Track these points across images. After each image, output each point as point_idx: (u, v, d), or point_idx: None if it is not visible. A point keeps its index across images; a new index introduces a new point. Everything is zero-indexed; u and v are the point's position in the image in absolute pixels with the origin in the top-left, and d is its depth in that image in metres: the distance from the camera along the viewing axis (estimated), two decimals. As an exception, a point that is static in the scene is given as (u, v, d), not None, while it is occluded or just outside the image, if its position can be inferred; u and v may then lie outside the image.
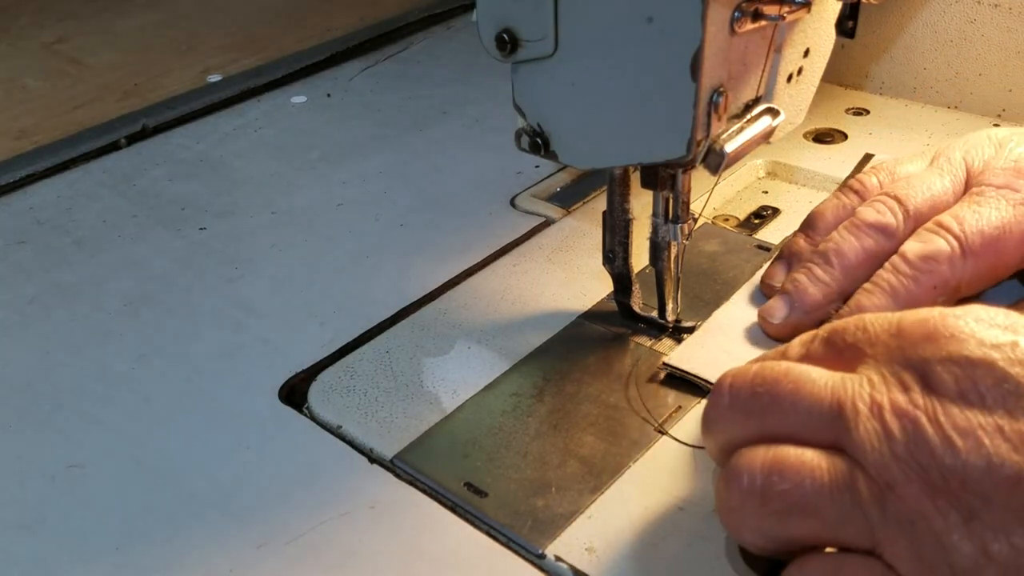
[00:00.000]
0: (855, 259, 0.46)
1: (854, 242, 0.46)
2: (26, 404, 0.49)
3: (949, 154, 0.48)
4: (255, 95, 0.81)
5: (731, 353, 0.46)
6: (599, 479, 0.41)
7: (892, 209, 0.46)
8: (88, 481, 0.44)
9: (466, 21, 0.94)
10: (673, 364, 0.46)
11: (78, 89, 0.84)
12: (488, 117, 0.75)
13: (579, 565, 0.38)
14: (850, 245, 0.46)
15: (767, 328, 0.47)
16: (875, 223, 0.46)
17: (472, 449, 0.43)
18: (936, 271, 0.43)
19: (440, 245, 0.59)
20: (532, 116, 0.44)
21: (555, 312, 0.52)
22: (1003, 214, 0.43)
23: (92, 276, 0.58)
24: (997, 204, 0.44)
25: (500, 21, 0.42)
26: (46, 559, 0.40)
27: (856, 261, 0.46)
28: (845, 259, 0.46)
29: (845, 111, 0.71)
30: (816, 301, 0.46)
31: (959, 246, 0.43)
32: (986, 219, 0.43)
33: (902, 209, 0.46)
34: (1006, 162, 0.45)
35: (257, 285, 0.57)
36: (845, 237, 0.46)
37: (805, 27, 0.43)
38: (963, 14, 0.67)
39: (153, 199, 0.67)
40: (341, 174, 0.68)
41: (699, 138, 0.40)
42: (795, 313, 0.46)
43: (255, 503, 0.42)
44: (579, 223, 0.60)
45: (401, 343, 0.50)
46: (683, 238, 0.46)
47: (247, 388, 0.48)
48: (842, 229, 0.47)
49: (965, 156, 0.47)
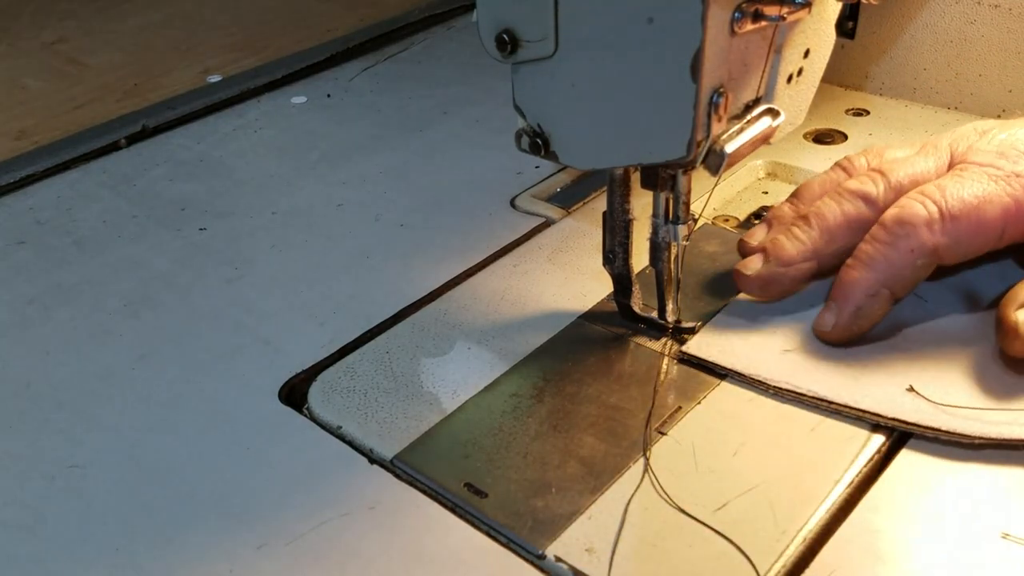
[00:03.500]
0: (833, 221, 0.47)
1: (834, 206, 0.48)
2: (26, 404, 0.49)
3: (936, 142, 0.49)
4: (255, 95, 0.81)
5: (748, 340, 0.47)
6: (599, 479, 0.41)
7: (874, 179, 0.48)
8: (88, 481, 0.44)
9: (466, 21, 0.94)
10: (692, 353, 0.47)
11: (78, 89, 0.84)
12: (488, 117, 0.75)
13: (579, 565, 0.38)
14: (830, 209, 0.48)
15: (740, 281, 0.49)
16: (856, 190, 0.48)
17: (472, 450, 0.43)
18: (912, 234, 0.44)
19: (440, 245, 0.59)
20: (532, 116, 0.44)
21: (555, 312, 0.52)
22: (984, 186, 0.44)
23: (92, 276, 0.58)
24: (979, 177, 0.45)
25: (500, 21, 0.42)
26: (46, 559, 0.40)
27: (834, 223, 0.47)
28: (824, 221, 0.48)
29: (845, 112, 0.71)
30: (790, 256, 0.48)
31: (937, 210, 0.44)
32: (968, 189, 0.44)
33: (884, 180, 0.47)
34: (989, 146, 0.47)
35: (257, 285, 0.57)
36: (827, 202, 0.48)
37: (805, 28, 0.43)
38: (963, 14, 0.67)
39: (153, 199, 0.67)
40: (341, 174, 0.68)
41: (699, 139, 0.40)
42: (769, 265, 0.48)
43: (255, 503, 0.42)
44: (579, 223, 0.60)
45: (401, 343, 0.50)
46: (683, 239, 0.46)
47: (247, 388, 0.48)
48: (825, 196, 0.49)
49: (951, 143, 0.48)
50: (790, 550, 0.38)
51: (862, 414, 0.43)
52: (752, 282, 0.48)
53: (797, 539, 0.38)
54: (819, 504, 0.40)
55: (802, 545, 0.38)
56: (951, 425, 0.41)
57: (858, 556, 0.37)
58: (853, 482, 0.41)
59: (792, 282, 0.48)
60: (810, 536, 0.38)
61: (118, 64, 0.89)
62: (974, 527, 0.38)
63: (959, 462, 0.41)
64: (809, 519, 0.39)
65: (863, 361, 0.45)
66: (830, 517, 0.39)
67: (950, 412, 0.42)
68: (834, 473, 0.41)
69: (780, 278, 0.48)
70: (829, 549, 0.38)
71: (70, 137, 0.75)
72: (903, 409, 0.42)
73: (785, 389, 0.45)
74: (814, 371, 0.45)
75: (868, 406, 0.43)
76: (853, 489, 0.40)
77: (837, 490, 0.40)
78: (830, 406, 0.44)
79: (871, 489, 0.40)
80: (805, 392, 0.44)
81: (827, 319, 0.46)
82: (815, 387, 0.44)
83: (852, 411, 0.43)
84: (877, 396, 0.43)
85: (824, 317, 0.46)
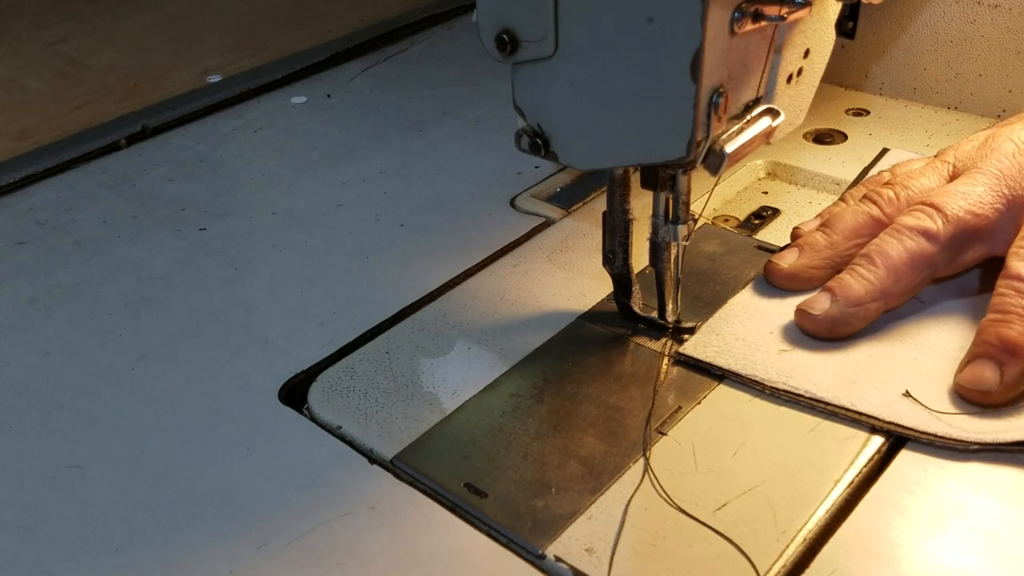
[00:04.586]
0: (899, 260, 0.47)
1: (897, 245, 0.47)
2: (26, 404, 0.49)
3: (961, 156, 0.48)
4: (255, 95, 0.81)
5: (744, 340, 0.47)
6: (599, 479, 0.41)
7: (931, 215, 0.47)
8: (88, 481, 0.44)
9: (466, 21, 0.94)
10: (688, 354, 0.47)
11: (78, 89, 0.84)
12: (488, 117, 0.75)
13: (579, 565, 0.38)
14: (893, 247, 0.47)
15: (806, 320, 0.47)
16: (916, 227, 0.47)
17: (472, 450, 0.43)
18: None
19: (440, 245, 0.59)
20: (532, 117, 0.44)
21: (555, 313, 0.52)
22: None
23: (92, 276, 0.58)
24: None
25: (500, 22, 0.42)
26: (46, 559, 0.40)
27: (900, 261, 0.47)
28: (889, 260, 0.47)
29: (845, 112, 0.71)
30: (859, 296, 0.46)
31: None
32: None
33: (940, 215, 0.47)
34: None
35: (257, 285, 0.57)
36: (888, 240, 0.47)
37: (805, 28, 0.43)
38: (963, 14, 0.67)
39: (153, 199, 0.67)
40: (341, 174, 0.68)
41: (699, 139, 0.40)
42: (838, 305, 0.47)
43: (255, 503, 0.42)
44: (579, 223, 0.60)
45: (401, 343, 0.50)
46: (683, 239, 0.46)
47: (247, 388, 0.48)
48: (883, 234, 0.48)
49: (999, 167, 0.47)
50: (790, 550, 0.38)
51: (858, 416, 0.43)
52: (821, 323, 0.47)
53: (797, 539, 0.38)
54: (819, 504, 0.40)
55: (802, 545, 0.38)
56: (946, 431, 0.41)
57: (858, 556, 0.37)
58: (853, 482, 0.41)
59: (861, 322, 0.47)
60: (810, 536, 0.38)
61: (118, 64, 0.89)
62: (973, 527, 0.38)
63: (958, 463, 0.41)
64: (809, 519, 0.39)
65: (860, 363, 0.45)
66: (830, 517, 0.39)
67: (945, 419, 0.42)
68: (834, 473, 0.41)
69: (850, 319, 0.46)
70: (829, 549, 0.38)
71: (70, 137, 0.75)
72: (899, 413, 0.42)
73: (782, 390, 0.45)
74: (811, 372, 0.45)
75: (865, 409, 0.43)
76: (853, 489, 0.40)
77: (837, 490, 0.40)
78: (827, 407, 0.44)
79: (871, 489, 0.40)
80: (802, 393, 0.44)
81: (990, 377, 0.43)
82: (812, 388, 0.44)
83: (849, 413, 0.43)
84: (873, 399, 0.43)
85: (985, 375, 0.43)
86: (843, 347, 0.46)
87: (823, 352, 0.46)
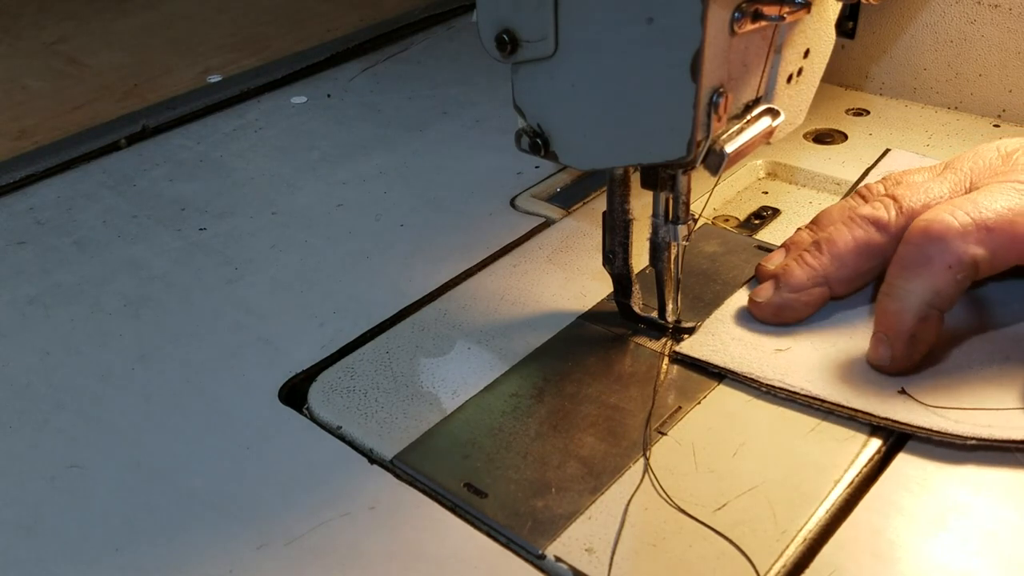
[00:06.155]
0: (843, 246, 0.47)
1: (844, 231, 0.48)
2: (26, 404, 0.49)
3: (958, 165, 0.48)
4: (255, 95, 0.81)
5: (741, 340, 0.47)
6: (599, 480, 0.41)
7: (886, 205, 0.47)
8: (88, 481, 0.44)
9: (466, 21, 0.94)
10: (684, 352, 0.47)
11: (78, 89, 0.84)
12: (488, 117, 0.75)
13: (579, 565, 0.38)
14: (840, 234, 0.48)
15: (753, 308, 0.49)
16: (867, 216, 0.47)
17: (472, 450, 0.43)
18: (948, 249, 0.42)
19: (440, 245, 0.59)
20: (532, 117, 0.44)
21: (555, 313, 0.52)
22: (1015, 198, 0.43)
23: (92, 276, 0.58)
24: (1007, 192, 0.43)
25: (500, 22, 0.42)
26: (46, 559, 0.40)
27: (844, 248, 0.47)
28: (834, 246, 0.47)
29: (845, 112, 0.71)
30: (800, 281, 0.48)
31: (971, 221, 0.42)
32: (999, 201, 0.43)
33: (896, 205, 0.47)
34: (1012, 168, 0.45)
35: (257, 285, 0.57)
36: (838, 227, 0.48)
37: (805, 28, 0.43)
38: (963, 14, 0.67)
39: (153, 199, 0.67)
40: (341, 174, 0.68)
41: (699, 139, 0.40)
42: (780, 292, 0.48)
43: (255, 503, 0.42)
44: (579, 224, 0.60)
45: (401, 343, 0.50)
46: (683, 239, 0.46)
47: (247, 388, 0.48)
48: (838, 222, 0.49)
49: (972, 167, 0.47)
50: (790, 550, 0.38)
51: (854, 413, 0.43)
52: (765, 309, 0.48)
53: (797, 539, 0.38)
54: (819, 504, 0.40)
55: (802, 545, 0.38)
56: (942, 426, 0.41)
57: (858, 556, 0.37)
58: (853, 482, 0.41)
59: (805, 307, 0.48)
60: (810, 536, 0.38)
61: (118, 64, 0.89)
62: (973, 527, 0.38)
63: (958, 463, 0.41)
64: (809, 519, 0.39)
65: (855, 361, 0.45)
66: (830, 517, 0.39)
67: (941, 414, 0.42)
68: (834, 473, 0.41)
69: (792, 304, 0.47)
70: (829, 549, 0.38)
71: (70, 137, 0.75)
72: (895, 409, 0.42)
73: (778, 388, 0.45)
74: (807, 371, 0.45)
75: (860, 406, 0.43)
76: (853, 489, 0.40)
77: (837, 490, 0.40)
78: (823, 405, 0.44)
79: (871, 489, 0.40)
80: (798, 391, 0.44)
81: (882, 352, 0.44)
82: (807, 386, 0.44)
83: (844, 410, 0.43)
84: (869, 396, 0.43)
85: (879, 350, 0.44)
86: (840, 346, 0.46)
87: (820, 351, 0.46)
